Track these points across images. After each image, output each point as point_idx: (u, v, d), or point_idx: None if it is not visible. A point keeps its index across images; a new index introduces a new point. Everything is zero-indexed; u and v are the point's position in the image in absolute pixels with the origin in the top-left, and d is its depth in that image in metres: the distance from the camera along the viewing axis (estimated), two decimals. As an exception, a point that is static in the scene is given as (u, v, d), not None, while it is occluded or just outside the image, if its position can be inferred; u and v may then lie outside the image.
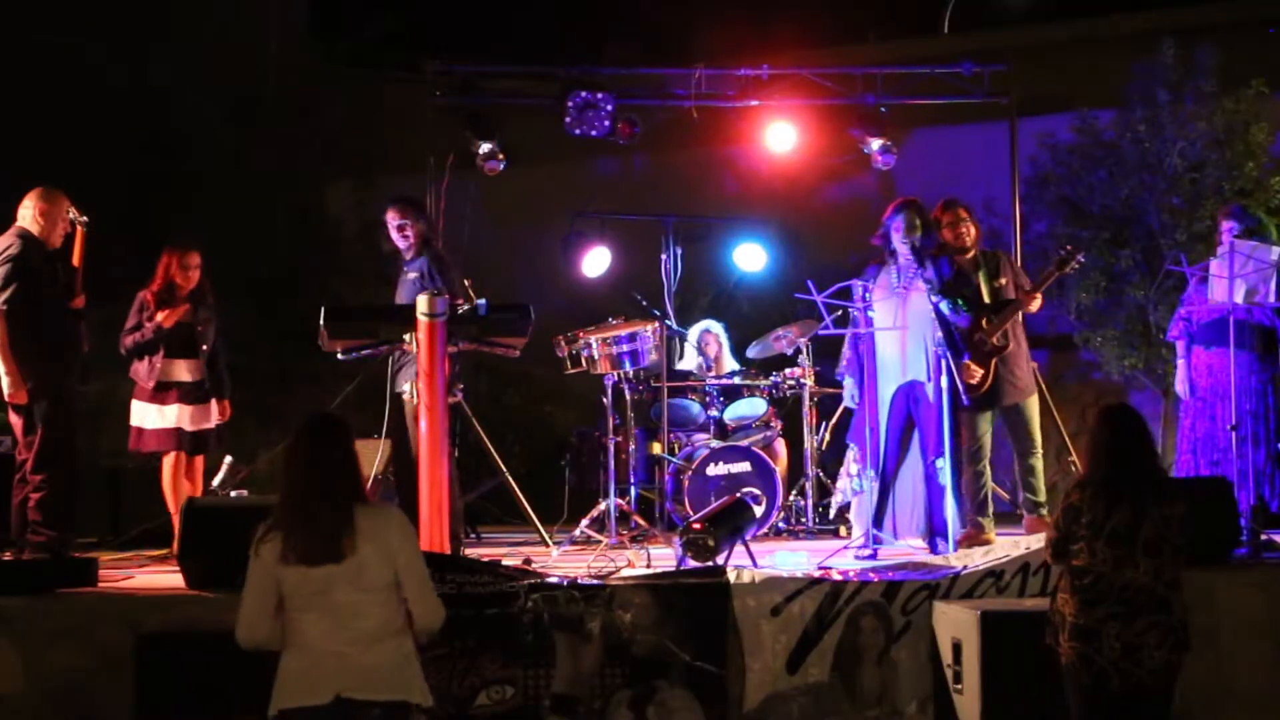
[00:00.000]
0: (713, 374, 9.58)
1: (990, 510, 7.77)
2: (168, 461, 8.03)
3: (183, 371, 8.04)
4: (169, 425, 7.98)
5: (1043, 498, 7.96)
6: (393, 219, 8.05)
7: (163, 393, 7.97)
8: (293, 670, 4.39)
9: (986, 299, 7.65)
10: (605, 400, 8.66)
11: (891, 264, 7.60)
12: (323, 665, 4.35)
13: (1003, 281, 7.74)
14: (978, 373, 7.54)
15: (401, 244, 8.06)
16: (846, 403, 8.03)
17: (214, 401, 8.12)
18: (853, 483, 7.71)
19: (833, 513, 8.80)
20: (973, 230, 7.81)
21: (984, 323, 7.60)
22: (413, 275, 8.00)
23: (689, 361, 9.78)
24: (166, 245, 8.22)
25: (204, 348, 8.07)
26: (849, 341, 7.78)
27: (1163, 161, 10.91)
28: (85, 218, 7.43)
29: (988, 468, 7.76)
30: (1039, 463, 7.95)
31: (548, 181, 12.35)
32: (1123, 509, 5.10)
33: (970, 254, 7.78)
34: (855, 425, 7.75)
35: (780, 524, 8.93)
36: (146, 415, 7.98)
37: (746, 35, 12.26)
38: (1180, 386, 8.24)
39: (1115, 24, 13.19)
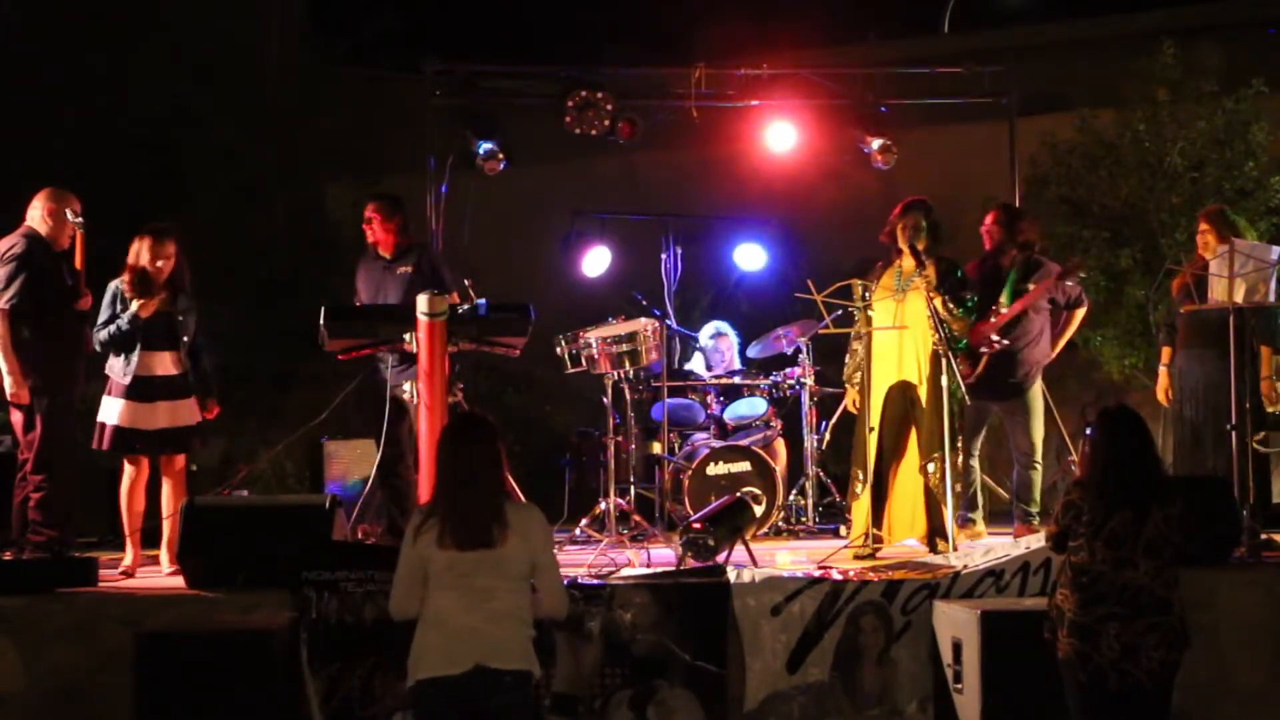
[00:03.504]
0: (713, 374, 9.58)
1: (979, 504, 8.05)
2: (128, 470, 7.40)
3: (163, 365, 7.41)
4: (144, 427, 7.32)
5: (1035, 508, 8.11)
6: (377, 215, 8.07)
7: (141, 388, 7.33)
8: (431, 644, 4.82)
9: (1004, 300, 7.99)
10: (605, 400, 8.66)
11: (897, 263, 7.61)
12: (460, 638, 4.78)
13: (1031, 286, 8.03)
14: (966, 372, 7.73)
15: (385, 240, 8.07)
16: (849, 406, 8.03)
17: (195, 398, 7.49)
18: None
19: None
20: (997, 233, 8.21)
21: (985, 323, 7.91)
22: (403, 270, 8.00)
23: (698, 362, 9.78)
24: (140, 228, 7.52)
25: (185, 338, 7.47)
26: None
27: (1163, 161, 10.91)
28: (81, 219, 7.43)
29: (975, 463, 8.07)
30: (1034, 474, 8.12)
31: (548, 181, 12.34)
32: (1124, 511, 5.12)
33: (1008, 255, 8.12)
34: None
35: (780, 524, 8.93)
36: (119, 413, 7.31)
37: (746, 35, 12.24)
38: (1161, 394, 8.29)
39: (1115, 24, 13.21)
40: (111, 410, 7.36)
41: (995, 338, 7.87)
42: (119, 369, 7.36)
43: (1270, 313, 7.64)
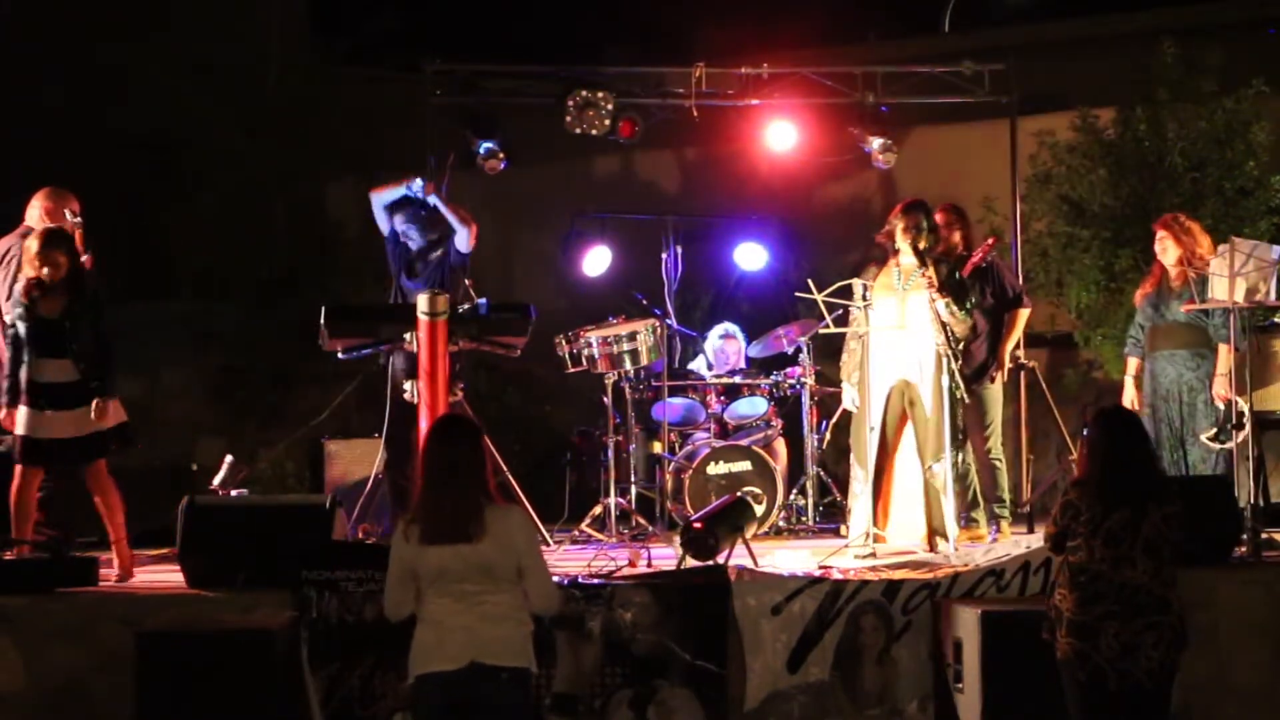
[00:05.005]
0: (713, 373, 9.58)
1: (980, 504, 8.01)
2: (16, 475, 7.00)
3: (53, 372, 6.93)
4: (42, 436, 6.90)
5: (1003, 508, 8.17)
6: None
7: (34, 395, 6.90)
8: (429, 641, 4.89)
9: None
10: (605, 399, 8.66)
11: (894, 263, 7.60)
12: (455, 636, 4.85)
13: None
14: None
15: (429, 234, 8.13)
16: (846, 405, 8.01)
17: (96, 402, 6.94)
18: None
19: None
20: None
21: None
22: (437, 255, 8.07)
23: (699, 362, 9.77)
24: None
25: (74, 346, 6.92)
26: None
27: (1163, 161, 10.90)
28: (79, 218, 7.42)
29: (972, 461, 8.01)
30: (995, 474, 8.16)
31: (548, 181, 12.35)
32: (1122, 510, 5.13)
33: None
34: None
35: (780, 523, 8.93)
36: (22, 420, 6.94)
37: (746, 34, 12.25)
38: (1128, 405, 8.22)
39: (1115, 23, 13.20)
40: (20, 418, 6.99)
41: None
42: (22, 374, 6.99)
43: (1227, 313, 7.62)
